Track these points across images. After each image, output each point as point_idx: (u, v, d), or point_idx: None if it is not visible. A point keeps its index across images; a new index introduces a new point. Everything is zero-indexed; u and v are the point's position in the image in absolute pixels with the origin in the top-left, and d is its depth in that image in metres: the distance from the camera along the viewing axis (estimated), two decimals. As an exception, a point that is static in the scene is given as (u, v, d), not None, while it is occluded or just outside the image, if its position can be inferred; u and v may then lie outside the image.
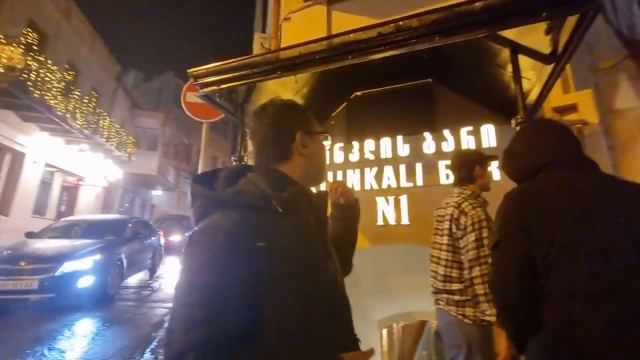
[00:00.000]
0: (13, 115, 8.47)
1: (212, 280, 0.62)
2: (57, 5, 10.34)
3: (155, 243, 8.27)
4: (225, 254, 0.64)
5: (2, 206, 9.02)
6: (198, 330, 0.58)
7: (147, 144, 18.20)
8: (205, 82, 2.38)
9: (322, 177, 0.94)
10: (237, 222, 0.67)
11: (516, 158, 1.15)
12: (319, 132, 0.91)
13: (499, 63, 2.43)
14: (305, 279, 0.68)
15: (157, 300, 6.14)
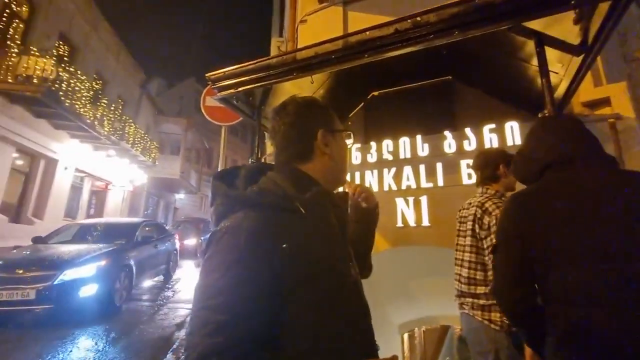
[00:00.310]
0: (46, 123, 8.96)
1: (236, 282, 0.60)
2: (86, 18, 10.87)
3: (170, 247, 7.69)
4: (249, 255, 0.62)
5: (37, 210, 9.53)
6: (220, 335, 0.56)
7: (170, 148, 18.79)
8: (223, 85, 2.41)
9: (343, 178, 0.90)
10: (261, 222, 0.65)
11: (522, 160, 1.10)
12: (341, 130, 0.87)
13: (523, 56, 2.33)
14: (328, 282, 0.65)
15: (170, 310, 5.51)
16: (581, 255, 0.85)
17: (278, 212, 0.67)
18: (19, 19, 8.36)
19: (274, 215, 0.66)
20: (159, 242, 7.05)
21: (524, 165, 1.11)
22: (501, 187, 1.68)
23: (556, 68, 2.21)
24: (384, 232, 3.02)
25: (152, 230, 7.11)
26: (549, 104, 1.72)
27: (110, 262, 5.04)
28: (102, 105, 10.27)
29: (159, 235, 7.28)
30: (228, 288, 0.59)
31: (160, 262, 7.10)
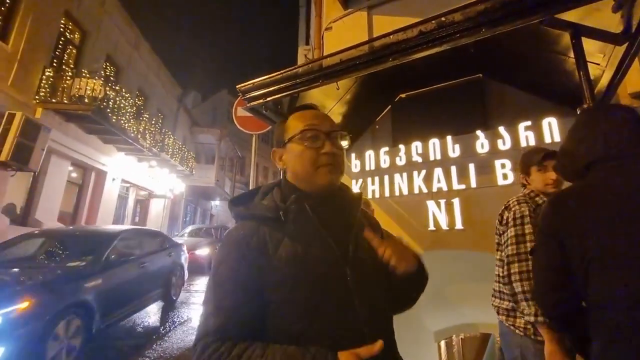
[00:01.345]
0: (96, 138, 9.75)
1: (220, 279, 0.75)
2: (129, 40, 11.76)
3: (171, 263, 5.74)
4: (230, 257, 0.76)
5: (89, 218, 10.36)
6: (209, 321, 0.71)
7: (205, 158, 19.66)
8: (252, 95, 2.52)
9: (311, 175, 0.82)
10: (244, 231, 0.79)
11: (566, 156, 1.03)
12: (289, 138, 0.86)
13: (559, 49, 2.21)
14: (305, 280, 0.73)
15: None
16: (627, 257, 0.79)
17: (264, 221, 0.80)
18: (72, 45, 9.23)
19: (258, 225, 0.79)
20: (153, 258, 5.09)
21: (568, 162, 1.04)
22: (535, 187, 1.61)
23: (597, 59, 2.08)
24: (415, 236, 2.97)
25: (141, 243, 5.07)
26: (588, 97, 1.63)
27: (40, 303, 2.96)
28: (144, 120, 10.99)
29: (155, 248, 5.38)
30: (215, 284, 0.76)
31: (151, 286, 4.99)
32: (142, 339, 4.27)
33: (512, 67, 2.85)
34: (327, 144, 0.83)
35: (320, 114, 0.90)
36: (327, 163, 0.82)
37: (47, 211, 8.47)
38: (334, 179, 0.84)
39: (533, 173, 1.61)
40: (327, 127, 0.85)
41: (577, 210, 0.91)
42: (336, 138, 0.86)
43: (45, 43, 7.97)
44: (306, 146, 0.83)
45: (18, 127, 6.54)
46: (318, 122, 0.86)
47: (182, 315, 5.38)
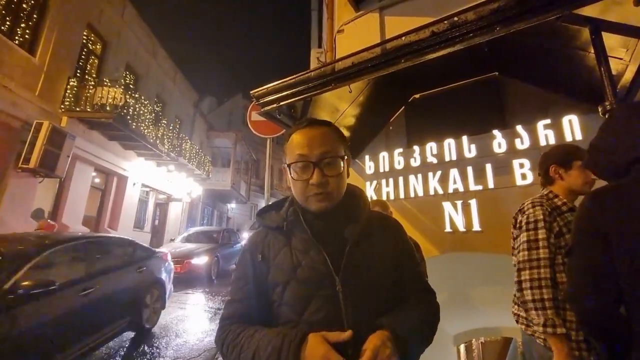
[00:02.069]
0: (117, 144, 10.09)
1: (236, 277, 0.93)
2: (147, 49, 12.14)
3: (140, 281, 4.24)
4: (243, 259, 0.93)
5: (112, 222, 10.73)
6: (226, 309, 0.91)
7: (222, 161, 20.01)
8: (266, 100, 2.56)
9: (303, 202, 0.88)
10: (256, 238, 0.95)
11: (602, 153, 0.97)
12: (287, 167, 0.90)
13: (578, 45, 2.14)
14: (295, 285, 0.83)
15: None
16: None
17: (270, 231, 0.93)
18: (94, 56, 9.61)
19: (265, 233, 0.94)
20: (111, 278, 3.69)
21: (606, 159, 0.98)
22: (559, 189, 1.51)
23: (620, 53, 2.01)
24: (431, 238, 2.93)
25: (92, 258, 3.57)
26: (610, 94, 1.57)
27: None
28: (163, 126, 11.30)
29: (117, 263, 3.93)
30: (233, 281, 0.94)
31: (107, 317, 3.60)
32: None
33: (530, 64, 2.78)
34: (316, 174, 0.83)
35: (316, 137, 0.87)
36: (315, 193, 0.84)
37: (73, 215, 8.83)
38: (323, 207, 0.86)
39: (575, 168, 1.48)
40: (316, 156, 0.84)
41: (625, 209, 0.85)
42: (328, 165, 0.85)
43: (69, 54, 8.33)
44: (296, 178, 0.87)
45: (45, 135, 6.86)
46: (308, 150, 0.85)
47: (160, 347, 4.00)
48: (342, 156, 0.88)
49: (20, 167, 6.72)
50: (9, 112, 6.64)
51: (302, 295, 0.82)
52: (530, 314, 1.34)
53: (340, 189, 0.89)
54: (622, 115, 0.98)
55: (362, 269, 0.83)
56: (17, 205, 6.92)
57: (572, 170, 1.47)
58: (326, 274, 0.81)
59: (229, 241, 10.39)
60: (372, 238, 0.89)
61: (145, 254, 4.67)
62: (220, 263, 9.07)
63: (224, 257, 9.41)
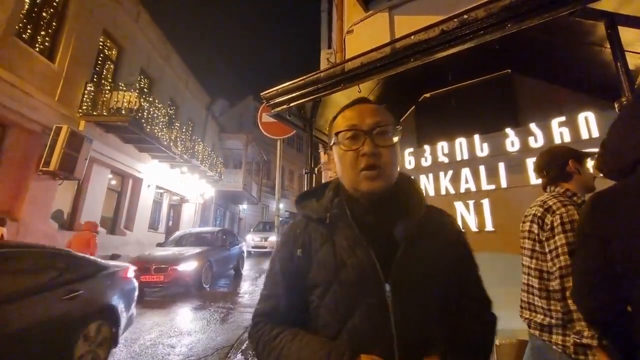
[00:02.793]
0: (132, 147, 10.35)
1: (271, 270, 0.84)
2: (160, 54, 12.42)
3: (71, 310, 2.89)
4: (280, 252, 0.84)
5: (128, 223, 10.99)
6: (260, 305, 0.83)
7: (233, 163, 20.25)
8: (276, 102, 2.59)
9: (353, 181, 0.78)
10: (294, 230, 0.84)
11: (609, 152, 0.96)
12: (334, 142, 0.82)
13: (594, 40, 2.09)
14: (336, 289, 0.74)
15: None
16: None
17: (310, 221, 0.83)
18: (110, 61, 9.89)
19: (305, 224, 0.83)
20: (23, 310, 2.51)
21: (612, 159, 0.97)
22: (574, 186, 1.45)
23: (638, 48, 1.95)
24: (443, 238, 2.90)
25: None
26: (627, 90, 1.53)
27: None
28: (176, 128, 11.53)
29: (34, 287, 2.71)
30: (268, 274, 0.85)
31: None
32: None
33: (543, 61, 2.72)
34: (367, 144, 0.75)
35: (366, 110, 0.80)
36: (367, 166, 0.74)
37: (91, 216, 9.08)
38: (376, 187, 0.75)
39: (572, 166, 1.46)
40: (368, 125, 0.77)
41: (624, 210, 0.86)
42: (381, 135, 0.76)
43: (86, 60, 8.60)
44: (345, 148, 0.78)
45: (64, 139, 7.10)
46: (360, 120, 0.78)
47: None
48: (396, 126, 0.79)
49: (41, 170, 6.97)
50: (30, 117, 6.90)
51: (344, 301, 0.72)
52: (577, 326, 1.21)
53: (394, 167, 0.78)
54: (628, 115, 0.96)
55: (417, 275, 0.72)
56: (38, 207, 7.17)
57: (584, 166, 1.44)
58: (374, 279, 0.71)
59: (225, 243, 9.21)
60: (430, 238, 0.77)
61: (87, 271, 3.27)
62: (214, 268, 7.94)
63: (218, 261, 8.28)
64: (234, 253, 9.55)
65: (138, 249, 10.10)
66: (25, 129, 7.01)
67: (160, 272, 6.69)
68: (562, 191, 1.46)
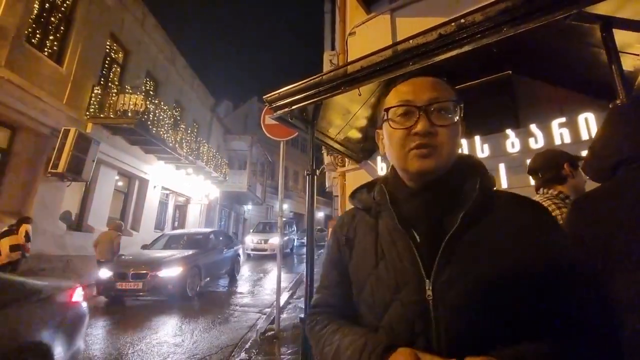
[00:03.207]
0: (138, 149, 10.49)
1: (324, 260, 0.83)
2: (166, 56, 12.57)
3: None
4: (330, 242, 0.84)
5: (134, 223, 11.14)
6: (315, 296, 0.82)
7: (238, 164, 20.39)
8: (278, 105, 2.63)
9: (402, 161, 0.69)
10: (342, 221, 0.83)
11: (593, 155, 1.00)
12: (384, 118, 0.73)
13: (593, 42, 2.11)
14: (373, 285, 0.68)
15: None
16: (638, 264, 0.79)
17: (358, 212, 0.81)
18: (116, 64, 10.04)
19: (353, 215, 0.81)
20: None
21: (595, 162, 1.02)
22: (568, 189, 1.48)
23: (636, 49, 1.97)
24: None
25: None
26: (622, 92, 1.55)
27: None
28: (181, 130, 11.67)
29: None
30: (323, 264, 0.84)
31: None
32: None
33: (543, 62, 2.74)
34: (422, 122, 0.66)
35: (424, 83, 0.71)
36: (418, 145, 0.65)
37: (98, 217, 9.23)
38: (426, 166, 0.65)
39: (568, 169, 1.50)
40: (423, 100, 0.67)
41: (606, 211, 0.88)
42: (438, 112, 0.67)
43: (93, 64, 8.75)
44: (395, 126, 0.69)
45: (72, 141, 7.23)
46: (415, 95, 0.69)
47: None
48: (456, 101, 0.69)
49: (50, 172, 7.11)
50: (39, 120, 7.05)
51: (380, 297, 0.65)
52: None
53: (452, 147, 0.67)
54: (610, 119, 0.99)
55: (468, 272, 0.60)
56: (47, 208, 7.31)
57: (578, 170, 1.46)
58: (413, 275, 0.63)
59: (218, 246, 8.39)
60: (491, 227, 0.63)
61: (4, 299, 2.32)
62: (202, 274, 6.99)
63: (209, 266, 7.36)
64: (228, 256, 8.67)
65: (144, 249, 10.21)
66: (34, 132, 7.16)
67: (138, 279, 5.91)
68: (555, 193, 1.49)
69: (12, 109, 6.43)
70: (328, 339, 0.69)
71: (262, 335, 4.18)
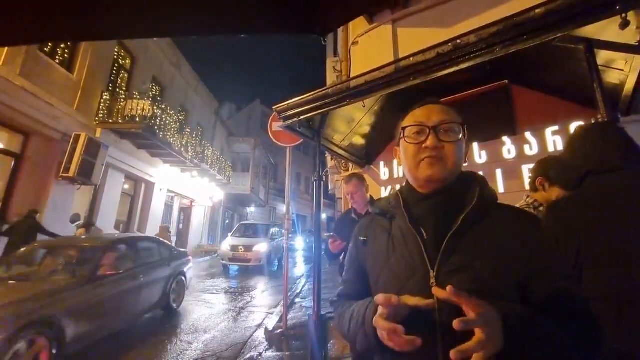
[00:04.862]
0: (145, 153, 10.70)
1: (347, 257, 1.00)
2: (171, 61, 12.79)
3: None
4: (352, 242, 0.98)
5: (140, 226, 11.34)
6: (339, 288, 1.00)
7: (241, 166, 20.61)
8: (287, 115, 2.80)
9: (414, 170, 0.84)
10: (361, 224, 0.99)
11: (563, 167, 1.16)
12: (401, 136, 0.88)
13: (581, 57, 2.26)
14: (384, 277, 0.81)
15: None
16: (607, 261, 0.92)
17: (376, 215, 0.95)
18: (124, 70, 10.26)
19: (371, 219, 0.96)
20: None
21: (564, 172, 1.18)
22: (540, 198, 1.63)
23: (620, 65, 2.12)
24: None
25: None
26: (603, 108, 1.71)
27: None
28: (186, 134, 11.87)
29: None
30: (346, 260, 1.00)
31: None
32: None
33: (538, 73, 2.89)
34: (431, 138, 0.80)
35: (434, 109, 0.86)
36: (428, 156, 0.80)
37: (106, 220, 9.43)
38: (433, 173, 0.79)
39: (538, 182, 1.62)
40: (433, 122, 0.82)
41: (575, 217, 1.04)
42: (445, 131, 0.81)
43: (102, 70, 8.97)
44: (410, 141, 0.84)
45: (83, 146, 7.44)
46: (427, 117, 0.84)
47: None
48: (461, 124, 0.84)
49: (61, 175, 7.31)
50: (51, 126, 7.25)
51: (392, 287, 0.76)
52: None
53: (456, 160, 0.81)
54: (580, 136, 1.15)
55: (466, 264, 0.71)
56: (58, 211, 7.51)
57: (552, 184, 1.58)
58: (420, 266, 0.75)
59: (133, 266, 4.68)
60: (488, 229, 0.75)
61: None
62: (66, 332, 3.23)
63: (93, 308, 3.69)
64: (159, 278, 5.19)
65: (151, 251, 10.36)
66: (46, 137, 7.37)
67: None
68: (531, 201, 1.66)
69: (25, 115, 6.64)
70: (347, 311, 0.85)
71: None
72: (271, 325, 4.61)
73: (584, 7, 1.56)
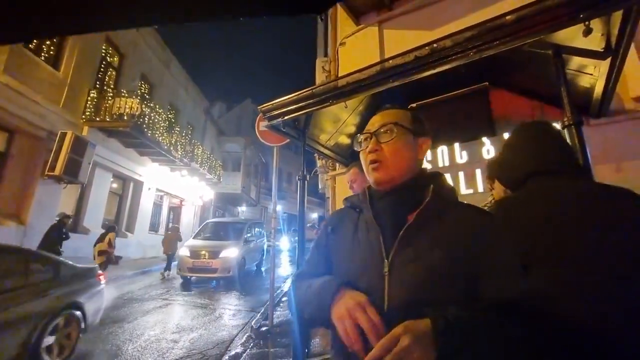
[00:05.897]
0: (133, 151, 10.59)
1: (314, 243, 1.02)
2: (161, 59, 12.67)
3: None
4: (321, 230, 1.04)
5: (129, 225, 11.22)
6: (303, 266, 1.02)
7: (232, 165, 20.50)
8: (272, 115, 2.84)
9: (369, 176, 0.92)
10: (333, 215, 1.06)
11: (505, 166, 1.19)
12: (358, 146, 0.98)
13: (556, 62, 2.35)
14: (346, 261, 0.88)
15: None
16: (551, 265, 0.93)
17: (347, 208, 1.00)
18: (112, 68, 10.13)
19: (343, 212, 1.01)
20: None
21: (507, 172, 1.20)
22: (496, 197, 1.68)
23: (590, 70, 2.22)
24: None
25: None
26: (569, 112, 1.79)
27: None
28: (176, 132, 11.78)
29: None
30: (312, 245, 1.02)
31: None
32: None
33: (515, 76, 2.98)
34: (371, 143, 0.88)
35: (382, 115, 0.93)
36: (370, 161, 0.88)
37: (93, 219, 9.31)
38: (378, 178, 0.87)
39: (487, 181, 1.70)
40: (375, 127, 0.89)
41: (516, 216, 1.03)
42: (384, 133, 0.88)
43: (89, 68, 8.85)
44: (360, 149, 0.94)
45: (69, 144, 7.34)
46: (371, 124, 0.92)
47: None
48: (400, 125, 0.88)
49: (47, 174, 7.21)
50: (37, 124, 7.14)
51: (353, 273, 0.83)
52: None
53: (398, 160, 0.87)
54: (523, 136, 1.18)
55: (419, 256, 0.77)
56: (44, 210, 7.39)
57: (496, 183, 1.63)
58: (377, 255, 0.81)
59: None
60: (444, 225, 0.80)
61: None
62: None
63: None
64: (18, 318, 2.93)
65: (139, 250, 10.30)
66: (31, 135, 7.25)
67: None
68: (490, 200, 1.73)
69: (9, 113, 6.53)
70: (305, 283, 0.89)
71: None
72: (257, 324, 4.64)
73: (551, 15, 1.64)
